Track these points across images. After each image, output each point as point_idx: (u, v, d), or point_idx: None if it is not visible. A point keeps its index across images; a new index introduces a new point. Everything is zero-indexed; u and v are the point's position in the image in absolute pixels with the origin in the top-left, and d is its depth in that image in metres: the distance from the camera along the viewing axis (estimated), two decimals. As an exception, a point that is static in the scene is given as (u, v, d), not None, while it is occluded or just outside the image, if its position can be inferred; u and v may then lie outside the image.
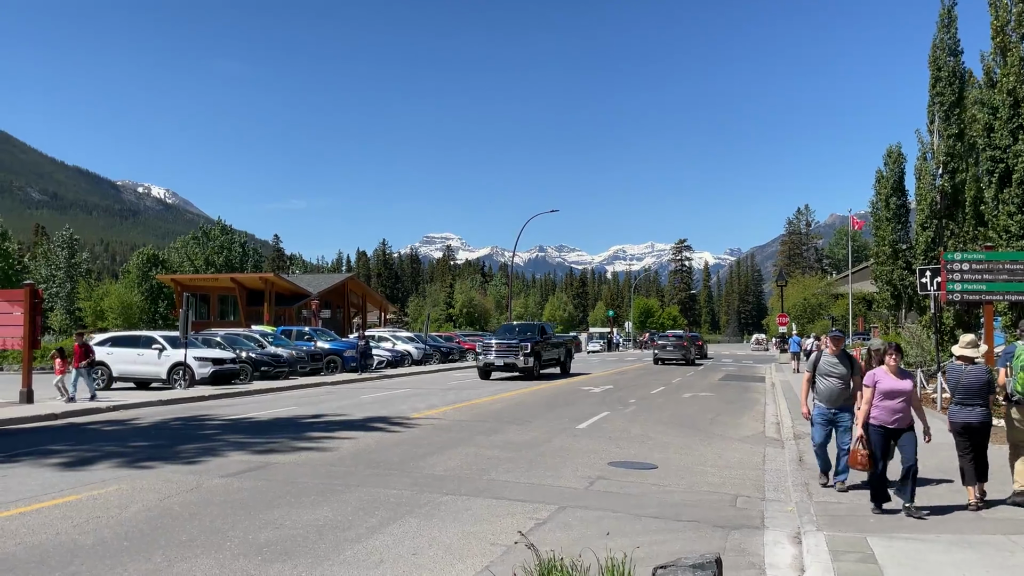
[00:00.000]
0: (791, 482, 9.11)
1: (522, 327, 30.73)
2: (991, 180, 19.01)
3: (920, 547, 6.16)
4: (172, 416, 15.77)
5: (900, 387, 7.52)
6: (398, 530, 6.82)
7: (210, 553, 6.04)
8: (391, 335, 39.84)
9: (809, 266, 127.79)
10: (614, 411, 17.09)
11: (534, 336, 28.46)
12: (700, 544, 6.48)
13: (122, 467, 9.72)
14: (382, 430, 13.39)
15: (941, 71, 24.16)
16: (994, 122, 18.82)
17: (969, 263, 14.60)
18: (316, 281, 59.07)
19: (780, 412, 16.87)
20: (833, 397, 8.58)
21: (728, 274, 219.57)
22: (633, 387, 24.60)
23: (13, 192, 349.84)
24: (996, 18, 18.96)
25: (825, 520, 7.07)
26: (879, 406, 7.52)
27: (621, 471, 9.92)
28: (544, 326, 30.88)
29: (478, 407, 17.51)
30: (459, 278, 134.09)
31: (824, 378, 8.66)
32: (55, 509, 7.42)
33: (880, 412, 7.51)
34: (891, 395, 7.47)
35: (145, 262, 74.99)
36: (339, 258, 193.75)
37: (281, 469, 9.66)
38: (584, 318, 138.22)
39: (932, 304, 19.25)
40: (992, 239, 18.47)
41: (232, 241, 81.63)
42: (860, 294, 52.75)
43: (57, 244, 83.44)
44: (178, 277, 55.86)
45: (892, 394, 7.47)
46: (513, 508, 7.72)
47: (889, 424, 7.50)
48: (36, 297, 18.43)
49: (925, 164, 25.11)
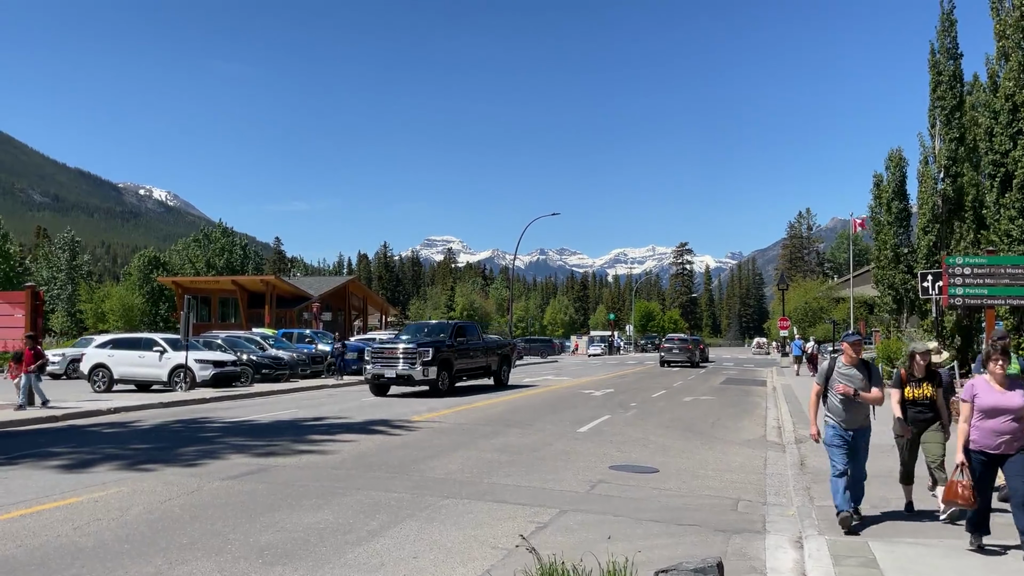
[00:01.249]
0: (792, 486, 9.09)
1: (433, 327, 24.31)
2: (992, 184, 19.02)
3: (922, 552, 6.15)
4: (173, 418, 15.77)
5: (1008, 403, 6.04)
6: (399, 533, 6.82)
7: (211, 556, 6.04)
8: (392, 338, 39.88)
9: (810, 270, 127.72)
10: (615, 414, 17.07)
11: (445, 339, 22.07)
12: (701, 548, 6.47)
13: (123, 469, 9.72)
14: (383, 433, 13.39)
15: (942, 75, 24.15)
16: (995, 127, 18.83)
17: (971, 267, 14.57)
18: (317, 284, 59.13)
19: (781, 416, 16.86)
20: (850, 415, 7.23)
21: (729, 278, 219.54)
22: (634, 391, 24.59)
23: (15, 194, 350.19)
24: (998, 22, 18.98)
25: (827, 524, 7.06)
26: (978, 426, 6.15)
27: (622, 475, 9.90)
28: (465, 326, 24.23)
29: (479, 410, 17.50)
30: (460, 281, 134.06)
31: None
32: (56, 511, 7.42)
33: (980, 434, 6.14)
34: (994, 413, 6.05)
35: (146, 264, 74.99)
36: (340, 261, 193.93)
37: (282, 472, 9.65)
38: (585, 321, 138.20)
39: (933, 308, 19.26)
40: (994, 243, 18.46)
41: (233, 243, 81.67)
42: (861, 298, 52.71)
43: (58, 246, 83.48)
44: (179, 279, 55.90)
45: (996, 412, 6.04)
46: (514, 511, 7.71)
47: (992, 449, 6.10)
48: (37, 299, 18.49)
49: (927, 168, 25.09)
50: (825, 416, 7.42)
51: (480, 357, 23.95)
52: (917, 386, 7.61)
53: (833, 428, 7.30)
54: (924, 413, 7.59)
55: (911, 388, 7.64)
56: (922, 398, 7.59)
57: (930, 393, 7.59)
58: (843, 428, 7.25)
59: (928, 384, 7.61)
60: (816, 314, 69.33)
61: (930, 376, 7.67)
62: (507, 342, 29.37)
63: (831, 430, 7.30)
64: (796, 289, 78.19)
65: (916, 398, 7.59)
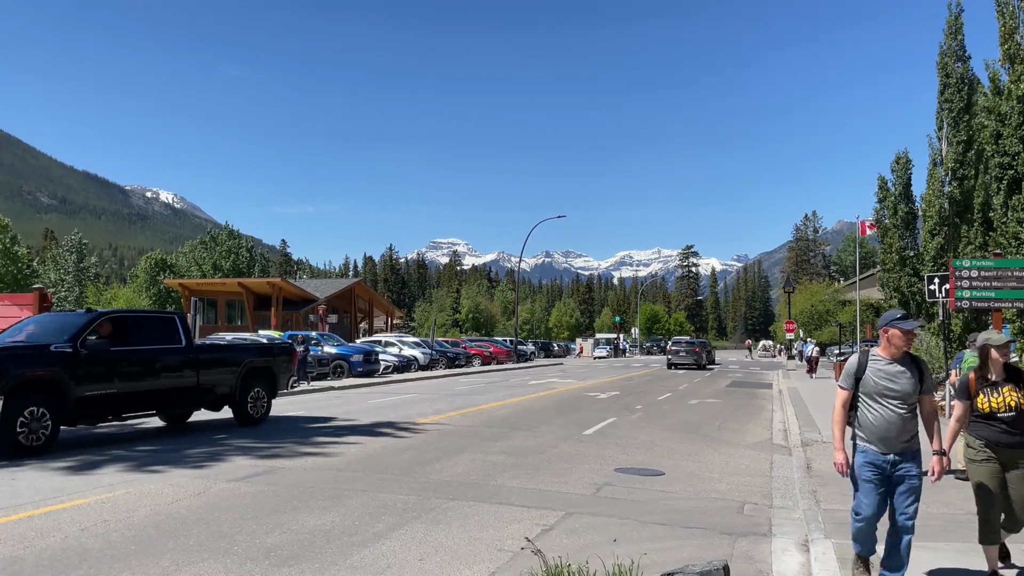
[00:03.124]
0: (799, 489, 9.07)
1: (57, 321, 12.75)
2: (1000, 187, 18.95)
3: (929, 556, 6.12)
4: (179, 420, 15.77)
5: None
6: (405, 535, 6.82)
7: (217, 557, 6.06)
8: (398, 340, 40.02)
9: (816, 272, 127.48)
10: (621, 417, 17.06)
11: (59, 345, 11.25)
12: (707, 551, 6.46)
13: (129, 471, 9.75)
14: (389, 435, 13.40)
15: (949, 77, 24.11)
16: (1002, 129, 18.77)
17: (978, 270, 14.53)
18: (323, 286, 59.21)
19: (787, 419, 16.81)
20: (891, 433, 5.04)
21: (735, 280, 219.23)
22: (640, 393, 24.56)
23: (23, 196, 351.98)
24: (1004, 25, 18.93)
25: (833, 527, 7.04)
26: None
27: (628, 477, 9.89)
28: (130, 318, 13.05)
29: (485, 412, 17.51)
30: (465, 283, 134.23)
31: (876, 401, 5.08)
32: (63, 513, 7.44)
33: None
34: None
35: (153, 266, 75.26)
36: (346, 263, 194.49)
37: (288, 474, 9.67)
38: (591, 324, 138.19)
39: (940, 311, 19.18)
40: (1002, 245, 18.40)
41: (239, 246, 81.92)
42: (868, 301, 52.61)
43: (66, 248, 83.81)
44: (186, 282, 56.06)
45: None
46: (520, 514, 7.71)
47: None
48: (45, 301, 18.52)
49: (934, 170, 25.04)
50: (855, 434, 5.26)
51: (166, 375, 12.99)
52: (994, 392, 5.51)
53: (864, 453, 5.11)
54: (1012, 433, 5.43)
55: (986, 396, 5.54)
56: (1005, 409, 5.44)
57: (1017, 401, 5.46)
58: (880, 453, 5.04)
59: (1014, 389, 5.51)
60: (822, 317, 69.19)
61: (1014, 377, 5.59)
62: (272, 346, 16.54)
63: (861, 456, 5.13)
64: (802, 292, 78.09)
65: (995, 410, 5.46)
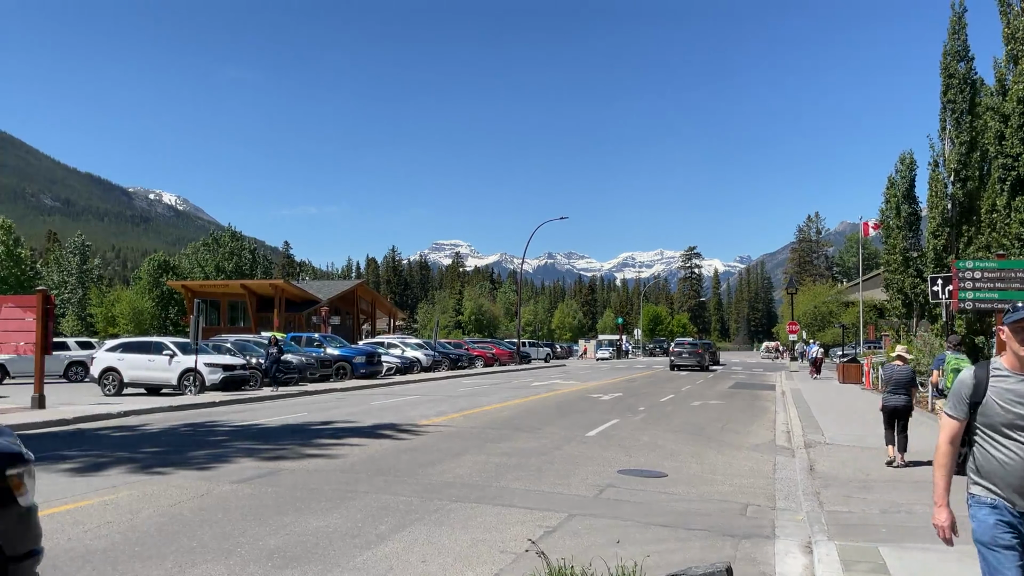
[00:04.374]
0: (802, 491, 9.05)
1: None
2: (1003, 188, 18.93)
3: (933, 557, 6.11)
4: (182, 422, 15.83)
5: None
6: (408, 537, 6.82)
7: (220, 559, 6.06)
8: (400, 341, 40.03)
9: (819, 274, 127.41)
10: (624, 419, 17.05)
11: None
12: (710, 553, 6.45)
13: (133, 473, 9.77)
14: (391, 437, 13.41)
15: (952, 78, 24.08)
16: (1005, 130, 18.75)
17: (981, 271, 14.53)
18: (326, 288, 59.28)
19: (791, 420, 16.78)
20: None
21: (738, 282, 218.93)
22: (643, 395, 24.55)
23: (26, 198, 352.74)
24: (1007, 26, 18.91)
25: (836, 529, 7.03)
26: None
27: (631, 479, 9.89)
28: None
29: (488, 414, 17.51)
30: (468, 285, 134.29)
31: (1006, 436, 3.46)
32: (67, 514, 7.46)
33: None
34: None
35: (156, 268, 75.31)
36: (349, 265, 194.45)
37: (291, 475, 9.68)
38: (593, 325, 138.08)
39: (944, 312, 19.17)
40: (1005, 246, 18.37)
41: (242, 247, 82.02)
42: (871, 302, 52.56)
43: (69, 250, 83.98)
44: (189, 283, 56.20)
45: None
46: (523, 515, 7.71)
47: None
48: (48, 303, 18.54)
49: (937, 171, 25.01)
50: (973, 483, 3.66)
51: None
52: None
53: (991, 509, 3.52)
54: None
55: None
56: None
57: None
58: (1016, 508, 3.46)
59: None
60: (825, 318, 69.11)
61: None
62: None
63: (987, 513, 3.53)
64: (805, 293, 77.99)
65: None
